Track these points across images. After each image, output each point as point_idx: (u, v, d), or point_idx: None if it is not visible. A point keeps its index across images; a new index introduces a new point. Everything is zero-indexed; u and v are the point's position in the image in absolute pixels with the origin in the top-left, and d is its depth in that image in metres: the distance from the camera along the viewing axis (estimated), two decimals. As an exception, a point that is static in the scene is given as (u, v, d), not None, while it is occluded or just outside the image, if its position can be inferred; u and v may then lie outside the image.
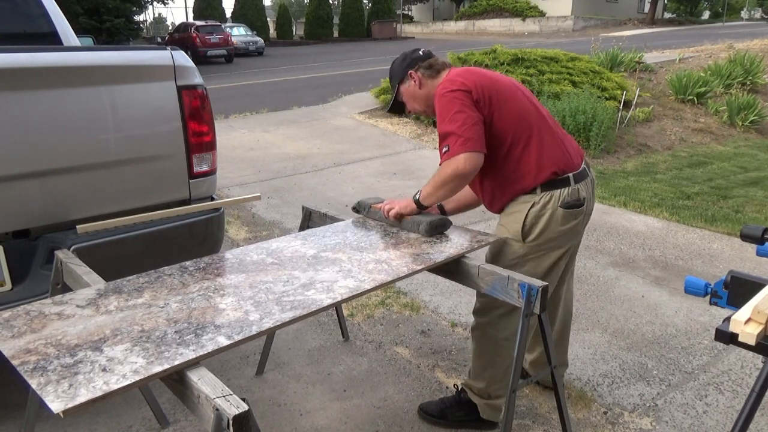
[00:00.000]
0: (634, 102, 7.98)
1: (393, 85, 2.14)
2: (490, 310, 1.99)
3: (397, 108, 2.19)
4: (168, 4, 31.30)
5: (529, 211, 1.87)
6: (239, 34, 24.83)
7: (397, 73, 2.10)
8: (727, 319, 1.22)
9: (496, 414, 2.10)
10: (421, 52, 2.09)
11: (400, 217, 2.04)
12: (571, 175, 1.89)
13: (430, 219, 1.97)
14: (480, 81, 1.89)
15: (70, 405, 1.04)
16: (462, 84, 1.87)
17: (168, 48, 2.18)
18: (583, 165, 1.97)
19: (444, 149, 1.85)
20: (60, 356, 1.19)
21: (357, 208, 2.23)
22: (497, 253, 1.95)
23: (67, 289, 1.74)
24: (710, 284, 1.44)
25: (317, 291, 1.52)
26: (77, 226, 1.96)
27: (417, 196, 2.00)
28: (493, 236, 1.92)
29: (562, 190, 1.87)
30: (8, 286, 1.94)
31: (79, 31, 3.84)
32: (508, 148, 1.88)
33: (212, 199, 2.40)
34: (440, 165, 1.88)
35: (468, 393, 2.13)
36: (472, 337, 2.10)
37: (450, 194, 1.94)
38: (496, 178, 1.94)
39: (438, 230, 1.97)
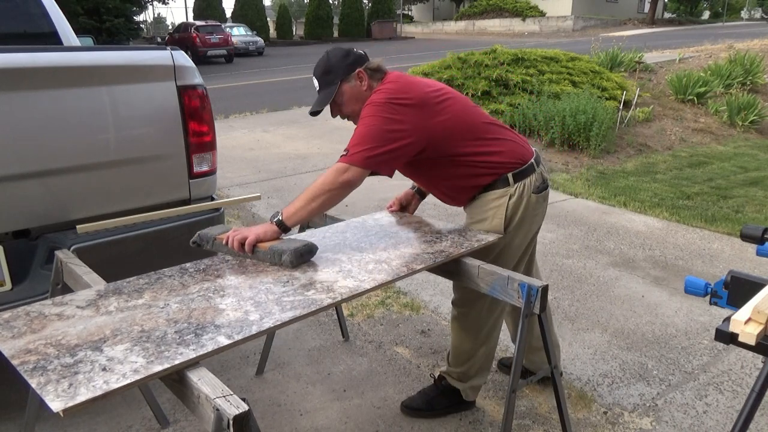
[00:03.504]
0: (634, 102, 7.98)
1: (330, 82, 1.91)
2: (473, 299, 2.01)
3: (321, 109, 1.95)
4: (168, 4, 31.33)
5: (508, 204, 1.91)
6: (239, 34, 24.86)
7: (339, 69, 1.91)
8: (727, 319, 1.22)
9: (476, 393, 2.20)
10: (362, 52, 1.97)
11: (253, 247, 1.71)
12: (532, 160, 1.96)
13: (295, 246, 1.67)
14: (422, 89, 1.86)
15: (71, 404, 1.04)
16: (406, 96, 1.81)
17: (168, 48, 2.18)
18: (533, 149, 2.04)
19: (344, 151, 1.77)
20: (60, 356, 1.19)
21: (198, 242, 1.83)
22: (477, 252, 1.96)
23: (67, 289, 1.74)
24: (710, 284, 1.44)
25: (317, 291, 1.52)
26: (77, 226, 1.96)
27: (279, 217, 1.75)
28: (492, 236, 1.92)
29: (531, 177, 1.94)
30: (8, 286, 1.94)
31: (79, 31, 3.83)
32: (465, 146, 1.89)
33: (212, 199, 2.41)
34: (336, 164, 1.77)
35: (448, 380, 2.17)
36: (453, 326, 2.11)
37: (324, 208, 1.77)
38: (459, 178, 1.95)
39: (304, 258, 1.69)
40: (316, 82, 1.96)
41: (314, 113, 1.96)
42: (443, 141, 1.86)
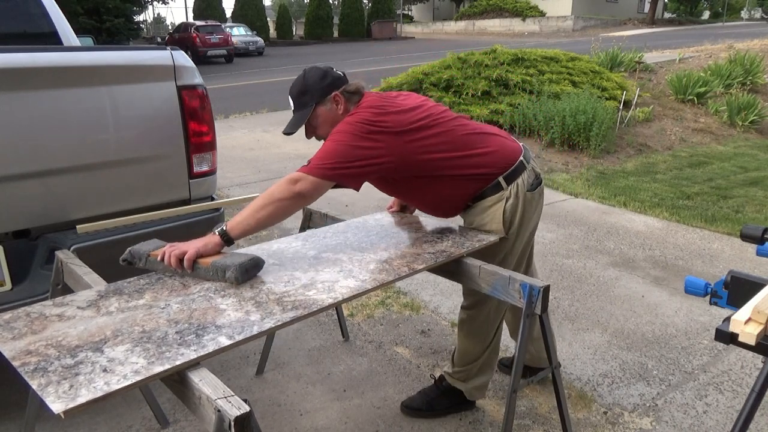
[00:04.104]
0: (634, 102, 7.98)
1: (304, 103, 1.87)
2: (482, 303, 2.02)
3: (294, 131, 1.89)
4: (168, 4, 31.34)
5: (505, 207, 1.90)
6: (239, 34, 24.86)
7: (316, 90, 1.86)
8: (727, 319, 1.22)
9: (481, 392, 2.19)
10: (341, 73, 1.91)
11: (192, 263, 1.57)
12: (522, 157, 1.94)
13: (239, 261, 1.54)
14: (400, 114, 1.81)
15: (71, 405, 1.04)
16: (382, 120, 1.76)
17: (168, 48, 2.18)
18: (521, 145, 2.02)
19: (306, 163, 1.73)
20: (61, 357, 1.19)
21: (129, 260, 1.64)
22: (482, 255, 1.96)
23: (67, 289, 1.74)
24: (710, 284, 1.44)
25: (318, 291, 1.52)
26: (77, 226, 1.96)
27: (223, 228, 1.64)
28: (494, 236, 1.92)
29: (523, 175, 1.92)
30: (8, 286, 1.94)
31: (79, 31, 3.83)
32: (448, 161, 1.85)
33: (212, 199, 2.41)
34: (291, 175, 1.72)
35: (450, 381, 2.17)
36: (461, 329, 2.11)
37: (273, 219, 1.67)
38: (446, 192, 1.92)
39: (250, 274, 1.57)
40: (291, 102, 1.91)
41: (288, 134, 1.90)
42: (423, 160, 1.82)
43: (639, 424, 2.17)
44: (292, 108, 1.93)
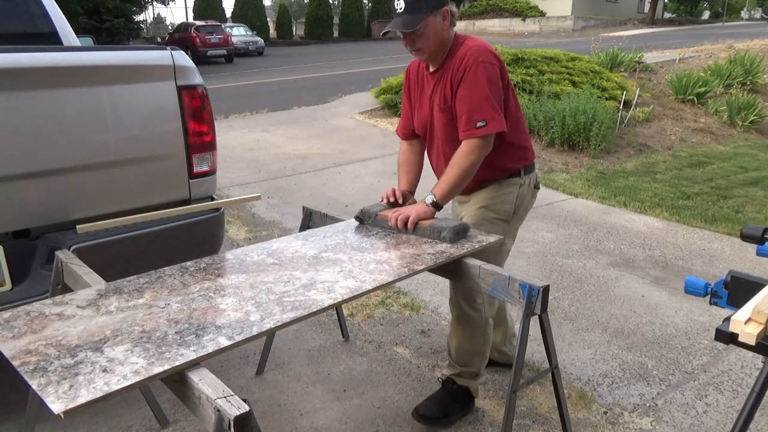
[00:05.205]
0: (634, 102, 7.98)
1: (418, 9, 1.85)
2: (474, 297, 2.04)
3: (398, 30, 1.88)
4: (168, 4, 31.35)
5: (518, 191, 2.04)
6: (239, 34, 24.86)
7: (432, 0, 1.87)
8: (727, 319, 1.22)
9: (479, 389, 2.26)
10: None
11: (415, 225, 1.93)
12: (534, 159, 2.13)
13: (452, 225, 1.88)
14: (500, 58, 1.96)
15: (71, 406, 1.04)
16: (499, 59, 1.91)
17: (168, 48, 2.18)
18: None
19: (480, 123, 1.85)
20: (60, 357, 1.19)
21: (360, 217, 2.07)
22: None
23: (67, 289, 1.74)
24: (710, 284, 1.44)
25: (318, 291, 1.52)
26: (77, 226, 1.96)
27: (433, 199, 1.94)
28: (494, 237, 1.92)
29: (533, 173, 2.12)
30: (8, 286, 1.94)
31: (79, 31, 3.83)
32: (510, 129, 1.97)
33: (212, 199, 2.41)
34: (471, 139, 1.87)
35: (461, 381, 2.17)
36: (458, 326, 2.11)
37: (468, 181, 1.94)
38: (494, 157, 1.97)
39: (460, 236, 1.88)
40: (401, 3, 1.87)
41: (385, 33, 1.92)
42: (508, 103, 1.97)
43: (639, 424, 2.17)
44: (401, 10, 1.88)
